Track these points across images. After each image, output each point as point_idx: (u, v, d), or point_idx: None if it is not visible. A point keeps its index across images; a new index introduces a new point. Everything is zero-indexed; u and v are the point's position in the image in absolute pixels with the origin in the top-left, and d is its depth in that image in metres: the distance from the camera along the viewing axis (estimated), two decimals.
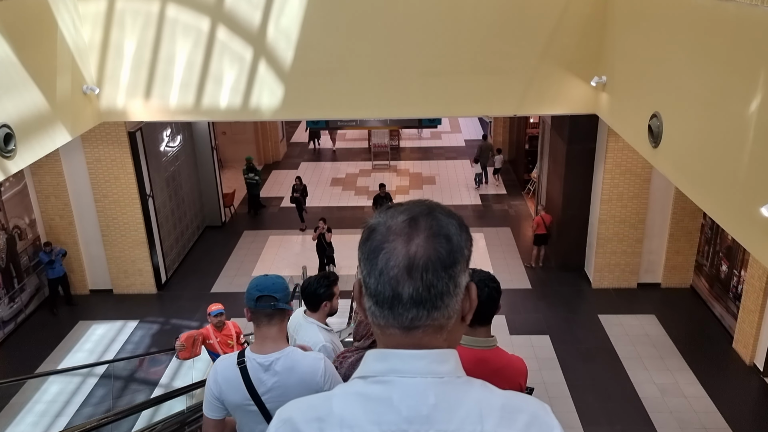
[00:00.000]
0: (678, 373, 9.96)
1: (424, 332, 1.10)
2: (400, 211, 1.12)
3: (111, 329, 11.80)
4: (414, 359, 1.09)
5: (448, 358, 1.12)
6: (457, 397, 1.08)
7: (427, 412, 1.06)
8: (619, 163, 11.66)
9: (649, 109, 6.91)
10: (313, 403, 1.15)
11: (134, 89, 9.22)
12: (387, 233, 1.09)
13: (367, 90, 9.21)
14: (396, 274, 1.07)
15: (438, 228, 1.09)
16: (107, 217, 12.32)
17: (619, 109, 8.16)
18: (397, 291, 1.07)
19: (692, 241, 12.09)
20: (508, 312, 11.69)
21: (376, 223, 1.12)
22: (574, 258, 13.10)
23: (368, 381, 1.11)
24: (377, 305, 1.10)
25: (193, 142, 15.14)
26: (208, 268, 13.85)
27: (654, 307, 11.88)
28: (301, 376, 2.74)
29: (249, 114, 9.36)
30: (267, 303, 2.74)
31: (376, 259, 1.09)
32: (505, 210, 16.72)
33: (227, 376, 2.77)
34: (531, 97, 9.14)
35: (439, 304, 1.08)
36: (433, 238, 1.08)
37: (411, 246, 1.07)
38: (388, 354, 1.11)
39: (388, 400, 1.08)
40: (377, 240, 1.10)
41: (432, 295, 1.07)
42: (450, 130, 24.14)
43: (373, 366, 1.12)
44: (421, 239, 1.07)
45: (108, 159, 11.88)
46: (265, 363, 2.75)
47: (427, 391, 1.07)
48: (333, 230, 15.50)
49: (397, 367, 1.10)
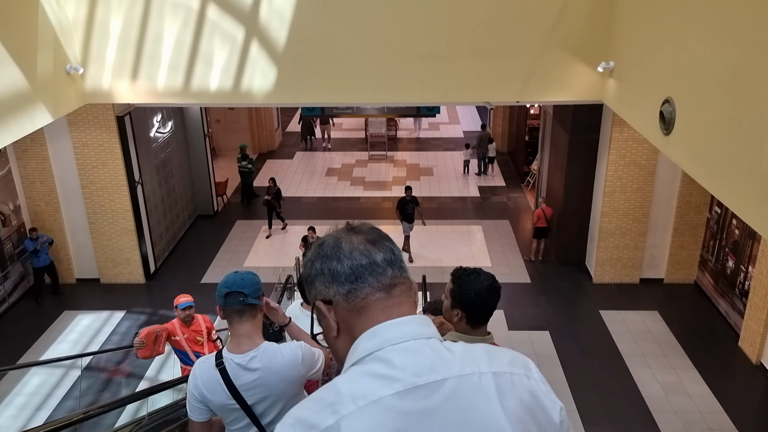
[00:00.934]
0: (682, 372, 9.64)
1: (401, 290, 1.26)
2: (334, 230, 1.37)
3: (97, 320, 11.43)
4: (400, 324, 1.21)
5: (428, 322, 1.25)
6: (448, 350, 1.20)
7: (429, 363, 1.15)
8: (623, 155, 11.31)
9: (660, 95, 6.55)
10: (316, 397, 1.17)
11: (120, 70, 8.83)
12: (336, 236, 1.30)
13: (364, 74, 8.83)
14: (365, 248, 1.25)
15: (368, 226, 1.33)
16: (94, 204, 11.93)
17: (627, 95, 7.79)
18: (371, 257, 1.25)
19: (697, 235, 11.76)
20: (506, 307, 11.35)
21: (321, 242, 1.32)
22: (575, 252, 12.76)
23: (364, 361, 1.18)
24: (358, 280, 1.24)
25: (185, 128, 14.74)
26: (199, 259, 13.48)
27: (657, 303, 11.56)
28: (281, 369, 2.77)
29: (240, 98, 8.97)
30: (235, 299, 2.73)
31: (339, 248, 1.26)
32: (504, 202, 16.36)
33: (207, 379, 2.78)
34: (534, 83, 8.77)
35: (404, 265, 1.29)
36: (370, 229, 1.32)
37: (360, 235, 1.29)
38: (376, 330, 1.21)
39: (390, 366, 1.14)
40: (330, 243, 1.28)
41: (396, 257, 1.29)
42: (448, 121, 23.76)
43: (365, 345, 1.20)
44: (364, 231, 1.31)
45: (95, 144, 11.47)
46: (242, 362, 2.75)
47: (423, 349, 1.18)
48: (329, 221, 15.15)
49: (387, 336, 1.19)
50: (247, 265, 13.22)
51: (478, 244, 13.90)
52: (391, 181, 17.81)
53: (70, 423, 6.10)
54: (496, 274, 3.21)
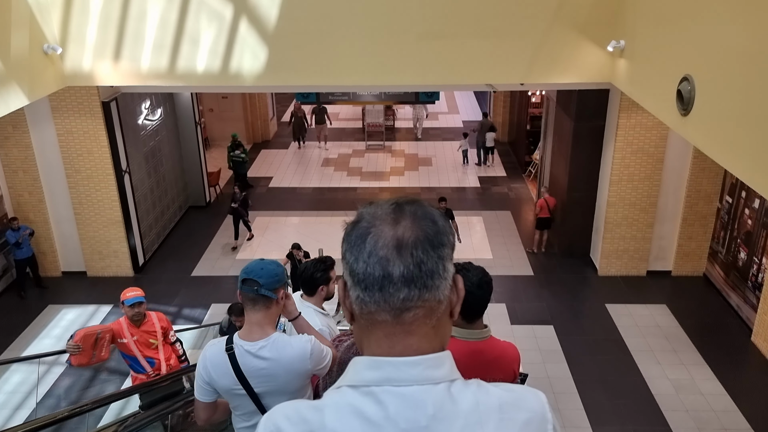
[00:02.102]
0: (693, 368, 9.21)
1: (415, 316, 1.08)
2: (384, 202, 1.13)
3: (82, 314, 10.97)
4: (408, 366, 1.06)
5: (443, 361, 1.09)
6: (455, 404, 1.05)
7: (425, 423, 1.03)
8: (630, 142, 10.85)
9: (678, 73, 6.08)
10: (304, 414, 1.08)
11: (102, 50, 8.34)
12: (373, 219, 1.10)
13: (360, 55, 8.35)
14: (386, 254, 1.06)
15: (423, 212, 1.10)
16: (80, 194, 11.45)
17: (640, 75, 7.32)
18: (387, 270, 1.06)
19: (707, 226, 11.31)
20: (508, 300, 10.91)
21: (360, 215, 1.13)
22: (579, 243, 12.31)
23: (360, 392, 1.06)
24: (367, 290, 1.08)
25: (176, 116, 14.25)
26: (190, 251, 13.01)
27: (665, 297, 11.12)
28: (289, 362, 2.77)
29: (229, 80, 8.50)
30: (250, 287, 2.73)
31: (363, 243, 1.08)
32: (505, 193, 15.90)
33: (216, 362, 2.79)
34: (540, 64, 8.30)
35: (430, 283, 1.07)
36: (419, 220, 1.09)
37: (398, 228, 1.07)
38: (380, 362, 1.08)
39: (384, 413, 1.04)
40: (363, 227, 1.10)
41: (423, 273, 1.06)
42: (447, 111, 23.28)
43: (364, 374, 1.08)
44: (408, 221, 1.08)
45: (80, 131, 10.99)
46: (252, 350, 2.76)
47: (425, 401, 1.04)
48: (324, 212, 14.70)
49: (390, 375, 1.06)
50: (239, 258, 12.77)
51: (478, 236, 13.44)
52: (389, 172, 17.34)
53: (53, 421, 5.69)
54: (498, 267, 3.48)
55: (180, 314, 10.88)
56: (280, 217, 14.68)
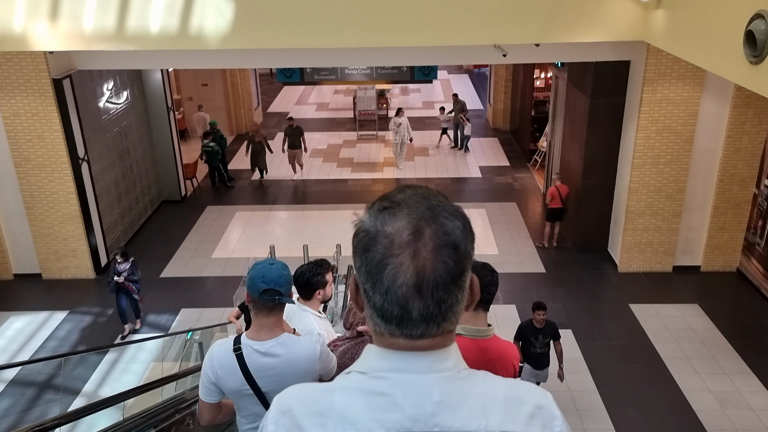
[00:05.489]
0: (738, 378, 7.91)
1: (430, 343, 1.07)
2: (400, 216, 1.04)
3: (32, 322, 9.60)
4: (417, 359, 1.07)
5: (450, 354, 1.10)
6: (461, 392, 1.07)
7: (431, 409, 1.05)
8: (655, 119, 9.54)
9: (745, 10, 4.77)
10: (314, 396, 1.11)
11: (35, 7, 6.96)
12: (390, 246, 1.03)
13: (345, 10, 7.00)
14: (405, 293, 1.02)
15: (444, 237, 1.04)
16: (31, 185, 10.07)
17: (686, 24, 5.99)
18: (406, 309, 1.04)
19: (741, 215, 10.01)
20: (518, 301, 9.59)
21: (374, 231, 1.05)
22: (596, 236, 10.99)
23: (370, 377, 1.08)
24: (383, 319, 1.06)
25: (146, 101, 12.87)
26: (160, 249, 11.63)
27: (695, 295, 9.82)
28: (297, 360, 2.74)
29: (189, 42, 7.15)
30: (271, 297, 2.69)
31: (380, 275, 1.03)
32: (509, 183, 14.57)
33: (223, 362, 2.74)
34: (560, 19, 6.98)
35: (449, 315, 1.06)
36: (439, 250, 1.03)
37: (418, 260, 1.02)
38: (390, 355, 1.08)
39: (391, 397, 1.05)
40: (380, 253, 1.03)
41: (442, 311, 1.05)
42: (444, 99, 21.96)
43: (374, 363, 1.09)
44: (428, 251, 1.02)
45: (29, 113, 9.62)
46: (261, 349, 2.72)
47: (431, 388, 1.05)
48: (312, 205, 13.38)
49: (399, 365, 1.07)
50: (216, 256, 11.42)
51: (481, 229, 12.09)
52: (382, 162, 16.00)
53: None
54: (505, 263, 3.04)
55: (144, 321, 9.51)
56: (263, 211, 13.32)
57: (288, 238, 11.95)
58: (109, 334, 9.28)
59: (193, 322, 9.29)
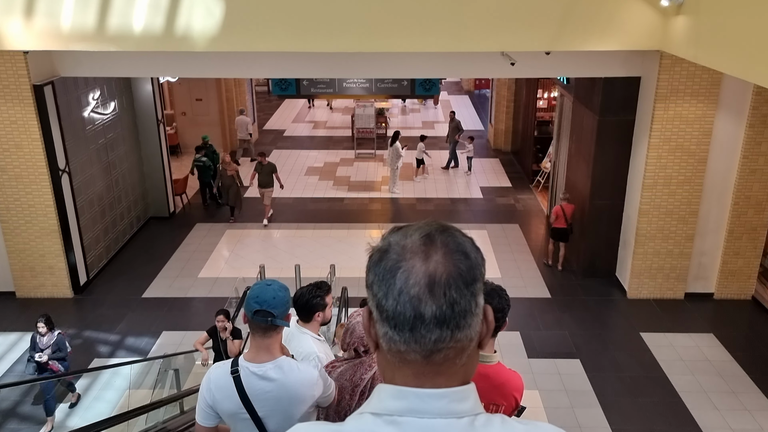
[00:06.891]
0: (761, 415, 7.32)
1: (446, 356, 1.03)
2: (413, 230, 1.06)
3: (1, 344, 8.97)
4: (433, 399, 1.03)
5: (468, 395, 1.06)
6: None
7: None
8: (667, 138, 9.07)
9: None
10: None
11: (8, 4, 6.48)
12: (402, 252, 1.03)
13: (343, 12, 6.53)
14: (417, 293, 1.00)
15: (455, 244, 1.04)
16: (6, 197, 9.53)
17: (712, 31, 5.53)
18: (419, 311, 1.00)
19: (757, 239, 9.50)
20: (522, 327, 9.02)
21: (387, 244, 1.06)
22: (603, 260, 10.45)
23: (383, 420, 1.03)
24: (396, 329, 1.02)
25: (134, 112, 12.38)
26: (144, 268, 11.04)
27: (709, 324, 9.27)
28: (295, 386, 2.72)
29: (175, 43, 6.67)
30: (263, 318, 2.67)
31: (393, 279, 1.02)
32: (512, 204, 14.06)
33: (220, 385, 2.72)
34: (572, 26, 6.52)
35: (463, 323, 1.02)
36: (451, 254, 1.03)
37: (430, 263, 1.02)
38: (405, 392, 1.04)
39: None
40: (392, 259, 1.03)
41: (456, 314, 1.01)
42: (443, 120, 21.56)
43: (388, 403, 1.04)
44: (440, 255, 1.02)
45: (6, 120, 9.11)
46: (258, 372, 2.70)
47: None
48: (306, 224, 12.83)
49: (415, 406, 1.03)
50: (202, 276, 10.83)
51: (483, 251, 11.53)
52: (380, 181, 15.50)
53: None
54: (508, 287, 3.02)
55: (121, 344, 8.90)
56: (254, 230, 12.77)
57: (280, 257, 11.38)
58: (84, 358, 8.65)
59: (175, 346, 8.67)
